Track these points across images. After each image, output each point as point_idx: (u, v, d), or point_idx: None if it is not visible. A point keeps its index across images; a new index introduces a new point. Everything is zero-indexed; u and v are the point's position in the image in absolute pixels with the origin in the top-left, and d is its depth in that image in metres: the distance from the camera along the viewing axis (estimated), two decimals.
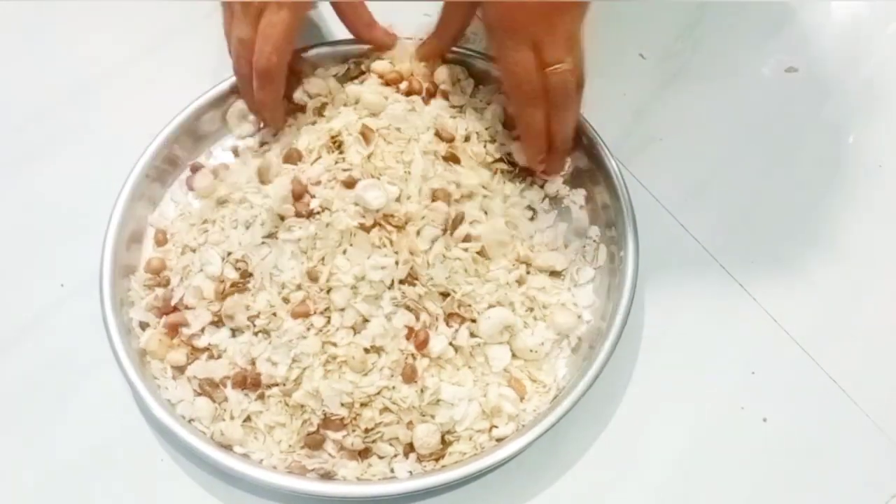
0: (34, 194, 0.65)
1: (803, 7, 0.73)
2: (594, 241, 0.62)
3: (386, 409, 0.55)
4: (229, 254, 0.58)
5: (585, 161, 0.63)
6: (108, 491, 0.57)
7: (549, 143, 0.58)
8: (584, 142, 0.62)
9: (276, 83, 0.59)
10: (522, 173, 0.63)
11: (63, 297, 0.62)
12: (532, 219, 0.62)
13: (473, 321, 0.57)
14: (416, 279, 0.56)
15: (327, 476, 0.55)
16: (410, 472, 0.55)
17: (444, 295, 0.57)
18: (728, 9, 0.73)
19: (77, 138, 0.67)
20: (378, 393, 0.54)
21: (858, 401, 0.60)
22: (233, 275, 0.57)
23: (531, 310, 0.59)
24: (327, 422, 0.54)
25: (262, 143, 0.64)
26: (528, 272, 0.60)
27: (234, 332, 0.58)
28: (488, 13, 0.55)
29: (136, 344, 0.57)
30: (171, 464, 0.57)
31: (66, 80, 0.69)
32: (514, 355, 0.58)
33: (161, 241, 0.61)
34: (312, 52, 0.65)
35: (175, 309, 0.58)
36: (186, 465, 0.57)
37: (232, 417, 0.56)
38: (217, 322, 0.58)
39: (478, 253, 0.58)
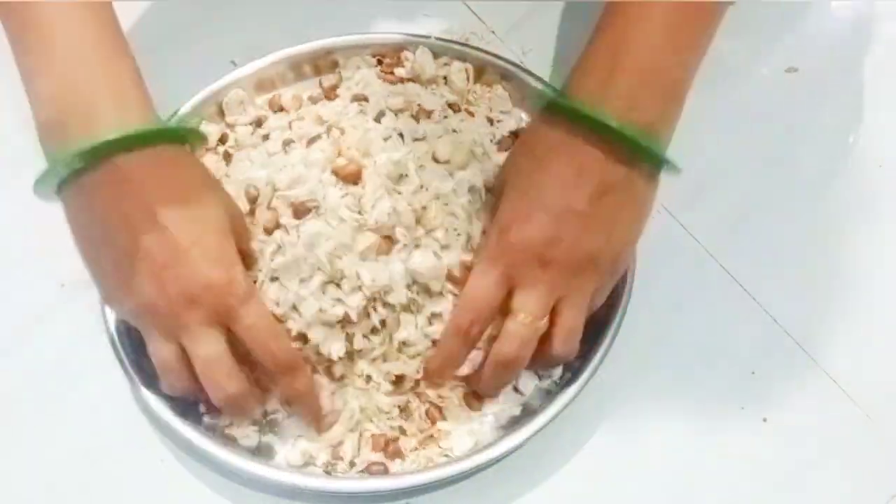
0: (34, 194, 0.65)
1: (803, 7, 0.73)
2: None
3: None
4: None
5: None
6: (109, 490, 0.57)
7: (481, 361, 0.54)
8: None
9: (303, 367, 0.52)
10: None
11: (63, 297, 0.62)
12: None
13: None
14: None
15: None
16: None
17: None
18: (728, 9, 0.73)
19: None
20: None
21: (858, 401, 0.60)
22: None
23: None
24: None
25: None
26: None
27: None
28: (491, 230, 0.52)
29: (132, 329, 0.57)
30: (173, 463, 0.57)
31: None
32: None
33: None
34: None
35: None
36: (189, 463, 0.57)
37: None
38: None
39: None
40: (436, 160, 0.58)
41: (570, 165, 0.50)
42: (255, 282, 0.53)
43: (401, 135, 0.58)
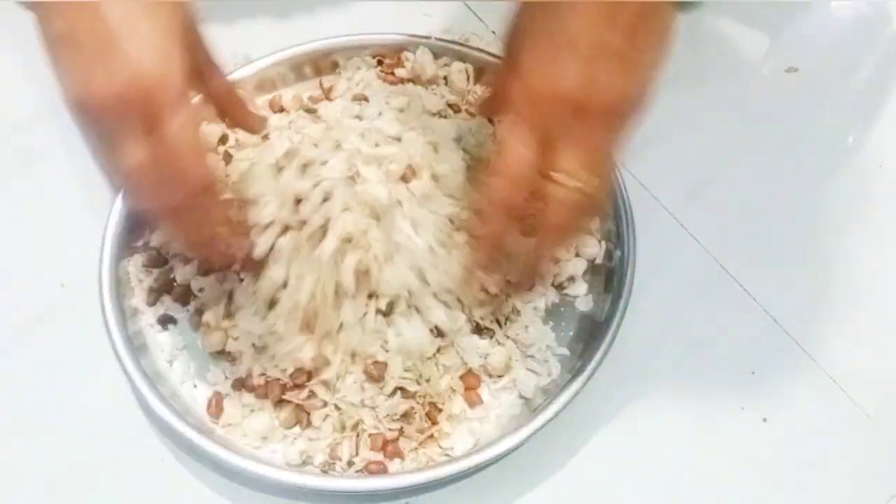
0: (34, 194, 0.65)
1: (803, 7, 0.73)
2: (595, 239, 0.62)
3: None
4: None
5: None
6: (109, 490, 0.57)
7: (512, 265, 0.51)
8: None
9: (216, 193, 0.48)
10: None
11: (63, 297, 0.62)
12: None
13: None
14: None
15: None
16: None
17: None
18: (728, 9, 0.73)
19: (77, 138, 0.67)
20: None
21: (858, 401, 0.60)
22: None
23: None
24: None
25: None
26: None
27: None
28: (514, 87, 0.45)
29: (132, 330, 0.58)
30: (173, 463, 0.57)
31: None
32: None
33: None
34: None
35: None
36: (189, 463, 0.57)
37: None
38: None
39: None
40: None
41: (599, 2, 0.42)
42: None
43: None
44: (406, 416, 0.56)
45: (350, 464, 0.55)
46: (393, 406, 0.55)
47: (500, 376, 0.58)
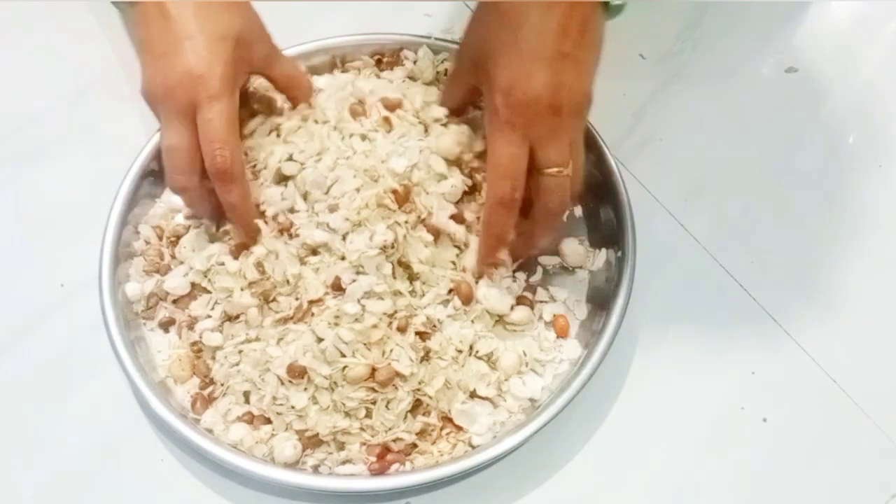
0: (34, 194, 0.65)
1: (803, 7, 0.73)
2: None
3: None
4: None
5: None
6: (109, 490, 0.57)
7: (514, 246, 0.57)
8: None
9: (238, 181, 0.55)
10: None
11: (63, 297, 0.62)
12: None
13: None
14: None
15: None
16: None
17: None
18: (728, 9, 0.73)
19: (77, 138, 0.67)
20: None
21: (858, 401, 0.60)
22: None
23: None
24: None
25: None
26: None
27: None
28: (494, 97, 0.52)
29: (135, 335, 0.58)
30: (173, 462, 0.57)
31: (66, 81, 0.69)
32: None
33: (160, 235, 0.62)
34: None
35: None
36: (189, 463, 0.57)
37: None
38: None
39: None
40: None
41: (551, 14, 0.51)
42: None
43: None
44: (423, 431, 0.56)
45: (349, 462, 0.55)
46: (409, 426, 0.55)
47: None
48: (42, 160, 0.66)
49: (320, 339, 0.54)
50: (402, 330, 0.55)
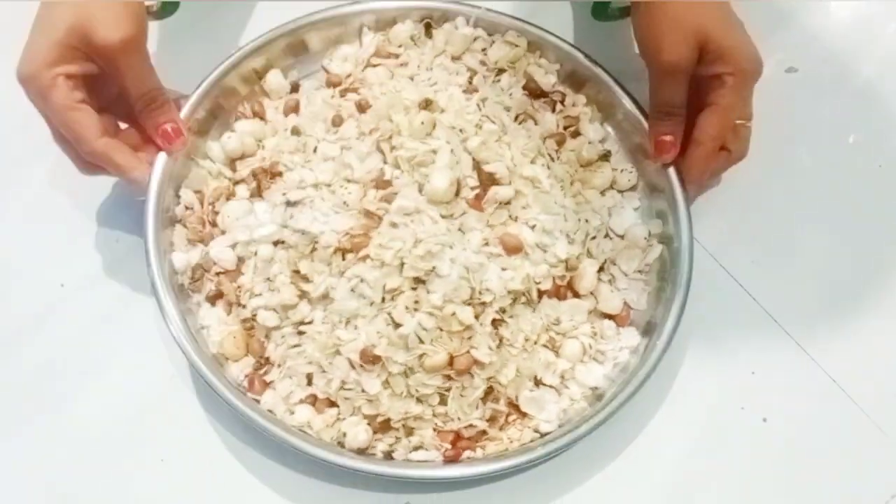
0: (34, 194, 0.65)
1: (803, 7, 0.73)
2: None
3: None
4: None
5: None
6: (109, 490, 0.57)
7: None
8: None
9: (86, 141, 0.56)
10: None
11: (63, 297, 0.62)
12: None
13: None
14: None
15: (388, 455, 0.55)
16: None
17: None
18: None
19: None
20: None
21: (858, 401, 0.60)
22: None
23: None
24: None
25: None
26: None
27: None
28: (742, 58, 0.58)
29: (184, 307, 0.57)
30: (173, 462, 0.57)
31: None
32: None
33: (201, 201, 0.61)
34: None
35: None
36: (189, 462, 0.57)
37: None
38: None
39: None
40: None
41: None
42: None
43: None
44: (490, 419, 0.56)
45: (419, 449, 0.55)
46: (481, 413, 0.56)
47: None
48: (43, 160, 0.66)
49: (398, 325, 0.54)
50: (477, 317, 0.55)
